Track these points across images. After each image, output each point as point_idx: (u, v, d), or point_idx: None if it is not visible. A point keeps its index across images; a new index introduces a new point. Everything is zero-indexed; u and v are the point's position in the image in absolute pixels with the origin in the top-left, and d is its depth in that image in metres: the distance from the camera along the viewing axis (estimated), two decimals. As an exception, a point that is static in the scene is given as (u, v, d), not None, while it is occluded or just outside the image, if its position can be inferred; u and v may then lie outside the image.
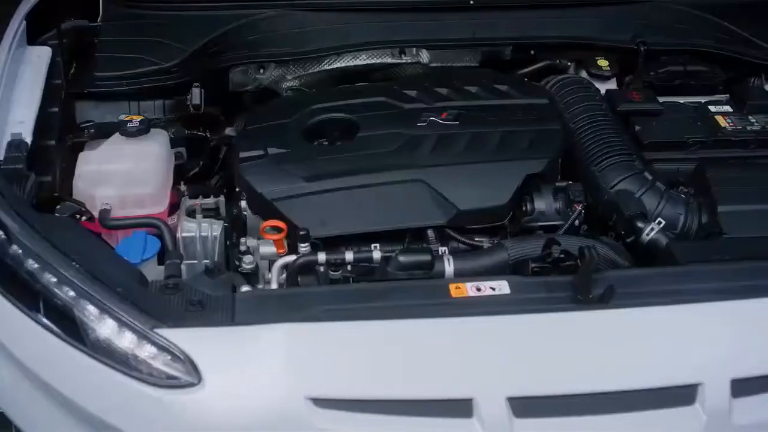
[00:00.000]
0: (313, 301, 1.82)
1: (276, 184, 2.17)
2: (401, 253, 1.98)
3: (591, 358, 1.73)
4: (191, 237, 2.25)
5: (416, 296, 1.84)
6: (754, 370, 1.74)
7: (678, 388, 1.71)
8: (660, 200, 2.21)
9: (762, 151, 2.41)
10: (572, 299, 1.81)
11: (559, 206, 2.20)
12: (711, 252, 2.01)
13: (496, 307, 1.80)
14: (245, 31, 2.59)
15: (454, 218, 2.13)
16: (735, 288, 1.87)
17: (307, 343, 1.72)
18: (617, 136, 2.33)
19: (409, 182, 2.15)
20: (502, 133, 2.27)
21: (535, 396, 1.68)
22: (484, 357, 1.71)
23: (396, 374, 1.69)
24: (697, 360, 1.74)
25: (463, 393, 1.67)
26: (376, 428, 1.66)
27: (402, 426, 1.66)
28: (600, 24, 2.71)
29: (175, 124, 2.48)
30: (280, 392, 1.66)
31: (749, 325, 1.80)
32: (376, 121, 2.31)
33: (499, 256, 2.00)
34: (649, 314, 1.79)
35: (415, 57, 2.67)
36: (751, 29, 2.70)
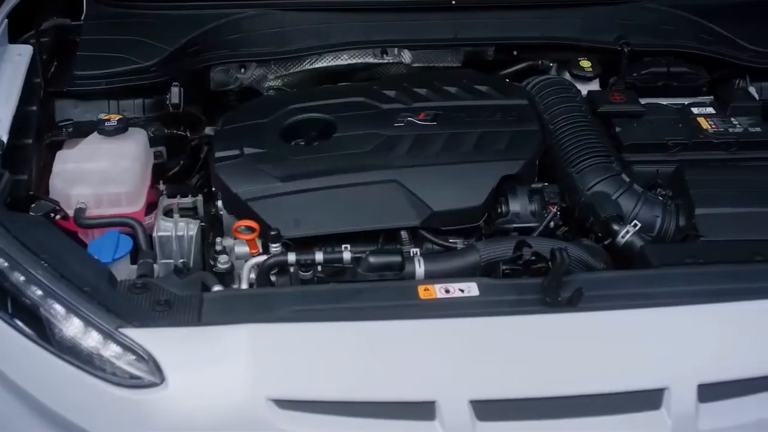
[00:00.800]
0: (281, 302, 1.82)
1: (251, 184, 2.16)
2: (371, 254, 1.98)
3: (556, 362, 1.71)
4: (167, 236, 2.24)
5: (385, 297, 1.84)
6: (722, 375, 1.73)
7: (643, 393, 1.70)
8: (637, 202, 2.19)
9: (743, 153, 2.40)
10: (541, 302, 1.80)
11: (535, 208, 2.19)
12: (685, 255, 1.99)
13: (464, 309, 1.80)
14: (226, 30, 2.58)
15: (428, 219, 2.12)
16: (706, 292, 1.86)
17: (271, 344, 1.72)
18: (596, 137, 2.32)
19: (383, 183, 2.15)
20: (480, 134, 2.27)
21: (498, 399, 1.67)
22: (448, 359, 1.70)
23: (359, 376, 1.69)
24: (663, 364, 1.73)
25: (426, 395, 1.66)
26: (338, 430, 1.65)
27: (364, 428, 1.65)
28: (583, 25, 2.70)
29: (155, 123, 2.47)
30: (242, 393, 1.66)
31: (718, 330, 1.78)
32: (353, 122, 2.31)
33: (470, 258, 1.99)
34: (616, 317, 1.78)
35: (396, 57, 2.66)
36: (736, 30, 2.68)
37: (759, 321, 1.81)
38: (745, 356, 1.76)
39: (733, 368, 1.74)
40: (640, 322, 1.78)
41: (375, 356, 1.71)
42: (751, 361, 1.75)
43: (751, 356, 1.76)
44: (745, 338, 1.78)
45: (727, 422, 1.72)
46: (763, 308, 1.83)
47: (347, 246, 2.04)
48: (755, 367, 1.74)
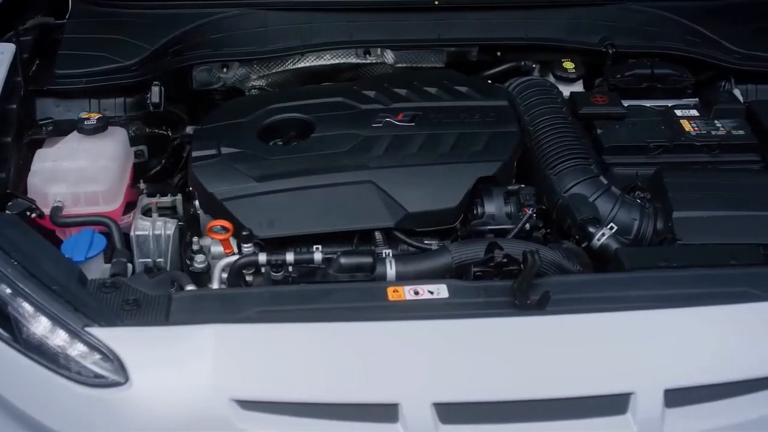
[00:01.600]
0: (249, 303, 1.81)
1: (227, 184, 2.16)
2: (342, 255, 1.97)
3: (522, 365, 1.71)
4: (144, 235, 2.25)
5: (353, 299, 1.83)
6: (689, 381, 1.71)
7: (609, 397, 1.69)
8: (614, 205, 2.18)
9: (725, 156, 2.38)
10: (510, 305, 1.79)
11: (510, 210, 2.18)
12: (659, 258, 1.98)
13: (432, 311, 1.79)
14: (208, 29, 2.58)
15: (402, 220, 2.11)
16: (678, 296, 1.85)
17: (236, 345, 1.71)
18: (575, 139, 2.31)
19: (358, 183, 2.14)
20: (457, 135, 2.26)
21: (461, 402, 1.66)
22: (412, 361, 1.70)
23: (322, 377, 1.68)
24: (630, 369, 1.71)
25: (389, 397, 1.65)
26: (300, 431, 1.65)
27: (326, 430, 1.65)
28: (568, 26, 2.68)
29: (136, 122, 2.48)
30: (205, 393, 1.66)
31: (687, 335, 1.77)
32: (331, 122, 2.30)
33: (442, 260, 1.99)
34: (585, 321, 1.77)
35: (379, 57, 2.65)
36: (722, 32, 2.66)
37: (729, 326, 1.79)
38: (713, 361, 1.74)
39: (700, 373, 1.72)
40: (609, 325, 1.77)
41: (339, 358, 1.71)
42: (718, 367, 1.74)
43: (719, 361, 1.74)
44: (714, 343, 1.77)
45: (693, 428, 1.71)
46: (735, 313, 1.81)
47: (318, 247, 2.03)
48: (723, 372, 1.73)
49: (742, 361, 1.75)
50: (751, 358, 1.75)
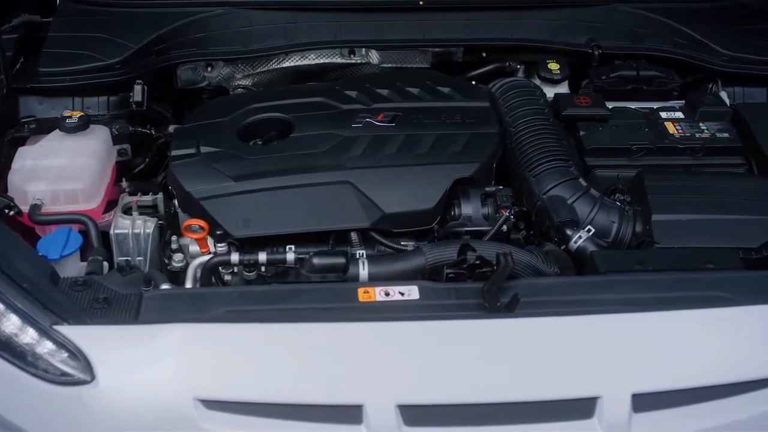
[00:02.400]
0: (218, 302, 1.81)
1: (204, 183, 2.16)
2: (315, 255, 1.97)
3: (488, 368, 1.69)
4: (124, 234, 2.25)
5: (323, 299, 1.83)
6: (657, 385, 1.70)
7: (576, 401, 1.67)
8: (593, 207, 2.17)
9: (709, 159, 2.36)
10: (480, 307, 1.78)
11: (488, 211, 2.17)
12: (634, 262, 1.96)
13: (401, 312, 1.79)
14: (193, 28, 2.59)
15: (378, 221, 2.11)
16: (649, 299, 1.84)
17: (202, 344, 1.71)
18: (555, 141, 2.30)
19: (335, 184, 2.14)
20: (437, 136, 2.25)
21: (425, 404, 1.65)
22: (378, 363, 1.69)
23: (287, 377, 1.68)
24: (597, 372, 1.70)
25: (354, 399, 1.65)
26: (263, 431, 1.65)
27: (290, 431, 1.65)
28: (554, 27, 2.67)
29: (120, 120, 2.48)
30: (169, 392, 1.66)
31: (656, 339, 1.75)
32: (311, 122, 2.30)
33: (416, 261, 1.98)
34: (554, 324, 1.76)
35: (364, 57, 2.65)
36: (710, 34, 2.64)
37: (699, 331, 1.78)
38: (682, 366, 1.72)
39: (669, 378, 1.70)
40: (577, 329, 1.76)
41: (305, 358, 1.70)
42: (687, 372, 1.72)
43: (688, 366, 1.73)
44: (683, 348, 1.75)
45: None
46: (706, 318, 1.80)
47: (291, 247, 2.03)
48: (691, 377, 1.71)
49: (711, 366, 1.73)
50: (720, 363, 1.74)
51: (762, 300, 1.83)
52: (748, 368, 1.74)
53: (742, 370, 1.74)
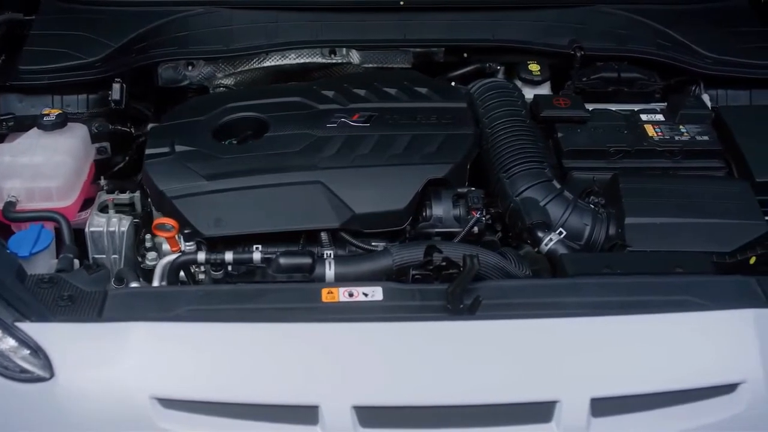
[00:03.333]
0: (182, 301, 1.81)
1: (177, 182, 2.17)
2: (281, 255, 1.96)
3: (447, 370, 1.69)
4: (99, 231, 2.26)
5: (287, 300, 1.83)
6: (617, 390, 1.68)
7: (534, 405, 1.66)
8: (566, 210, 2.15)
9: (688, 162, 2.34)
10: (443, 308, 1.77)
11: (459, 213, 2.16)
12: (603, 265, 1.95)
13: (363, 313, 1.78)
14: (173, 27, 2.59)
15: (348, 221, 2.10)
16: (615, 303, 1.83)
17: (162, 343, 1.72)
18: (531, 142, 2.28)
19: (307, 184, 2.13)
20: (411, 137, 2.25)
21: (381, 406, 1.65)
22: (335, 364, 1.69)
23: (245, 377, 1.68)
24: (557, 376, 1.69)
25: (310, 400, 1.65)
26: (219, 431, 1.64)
27: (246, 430, 1.65)
28: (537, 28, 2.66)
29: (99, 118, 2.48)
30: (126, 390, 1.67)
31: (619, 343, 1.74)
32: (287, 121, 2.30)
33: (383, 262, 1.97)
34: (514, 327, 1.75)
35: (345, 57, 2.64)
36: (693, 36, 2.61)
37: (663, 335, 1.76)
38: (644, 371, 1.71)
39: (629, 383, 1.69)
40: (539, 332, 1.75)
41: (264, 358, 1.70)
42: (649, 377, 1.71)
43: (649, 371, 1.71)
44: (646, 352, 1.74)
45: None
46: (671, 322, 1.78)
47: (258, 246, 2.03)
48: (653, 382, 1.70)
49: (673, 371, 1.72)
50: (683, 368, 1.72)
51: (729, 305, 1.81)
52: (711, 374, 1.73)
53: (704, 375, 1.72)
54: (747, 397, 1.71)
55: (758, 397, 1.71)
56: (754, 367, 1.73)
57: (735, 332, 1.76)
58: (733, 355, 1.74)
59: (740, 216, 2.13)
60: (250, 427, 1.65)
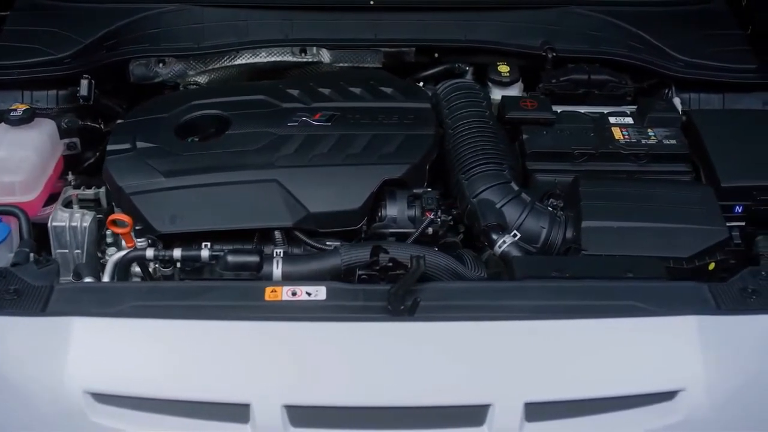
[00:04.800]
0: (127, 297, 1.82)
1: (136, 179, 2.18)
2: (229, 252, 1.97)
3: (381, 371, 1.68)
4: (62, 226, 2.27)
5: (230, 297, 1.83)
6: (551, 395, 1.67)
7: (466, 408, 1.65)
8: (522, 212, 2.14)
9: (653, 165, 2.31)
10: (384, 309, 1.77)
11: (414, 213, 2.15)
12: (552, 268, 1.93)
13: (305, 312, 1.78)
14: (144, 24, 2.61)
15: (302, 220, 2.10)
16: (560, 307, 1.80)
17: (100, 338, 1.73)
18: (492, 144, 2.27)
19: (263, 182, 2.14)
20: (371, 137, 2.24)
21: (312, 406, 1.64)
22: (268, 363, 1.69)
23: (179, 374, 1.68)
24: (491, 379, 1.68)
25: (241, 398, 1.65)
26: (151, 427, 1.65)
27: (177, 427, 1.66)
28: (509, 29, 2.64)
29: (69, 114, 2.50)
30: (62, 384, 1.67)
31: (557, 347, 1.72)
32: (248, 119, 2.30)
33: (331, 261, 1.97)
34: (453, 329, 1.73)
35: (315, 56, 2.64)
36: (666, 39, 2.58)
37: (605, 340, 1.74)
38: (580, 376, 1.69)
39: (564, 388, 1.67)
40: (477, 334, 1.73)
41: (200, 356, 1.71)
42: (585, 382, 1.69)
43: (586, 377, 1.70)
44: (585, 357, 1.72)
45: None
46: (615, 327, 1.76)
47: (207, 244, 2.03)
48: (588, 388, 1.68)
49: (611, 377, 1.70)
50: (621, 375, 1.70)
51: (676, 311, 1.79)
52: (649, 381, 1.70)
53: (643, 382, 1.70)
54: (686, 406, 1.69)
55: (698, 406, 1.69)
56: (694, 374, 1.70)
57: (677, 339, 1.74)
58: (673, 362, 1.72)
59: (701, 221, 2.10)
60: (182, 424, 1.65)
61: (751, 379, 1.72)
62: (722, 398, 1.70)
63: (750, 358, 1.74)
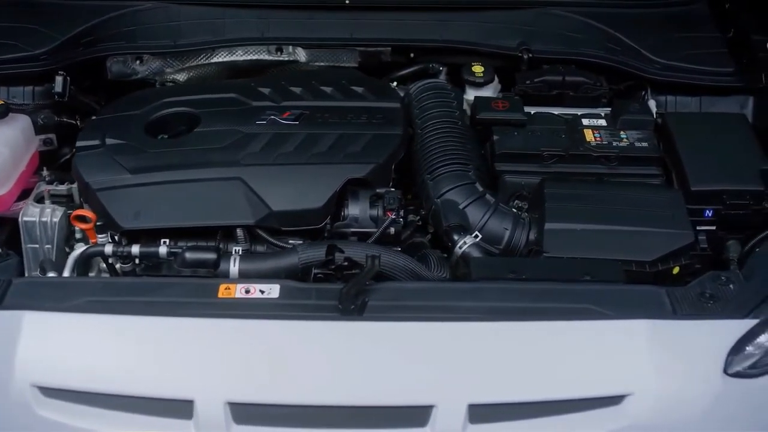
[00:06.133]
0: (82, 291, 1.83)
1: (103, 175, 2.19)
2: (187, 249, 1.98)
3: (326, 370, 1.69)
4: (32, 221, 2.29)
5: (183, 294, 1.84)
6: (496, 397, 1.66)
7: (409, 409, 1.65)
8: (485, 213, 2.13)
9: (624, 168, 2.29)
10: (335, 308, 1.77)
11: (377, 213, 2.14)
12: (509, 270, 1.92)
13: (256, 310, 1.78)
14: (122, 22, 2.62)
15: (264, 218, 2.11)
16: (512, 309, 1.80)
17: (50, 332, 1.74)
18: (459, 144, 2.26)
19: (226, 180, 2.14)
20: (338, 136, 2.24)
21: (255, 403, 1.64)
22: (214, 360, 1.69)
23: (127, 370, 1.69)
24: (435, 381, 1.67)
25: (185, 394, 1.65)
26: (96, 421, 1.67)
27: (122, 422, 1.67)
28: (486, 29, 2.63)
29: (45, 110, 2.52)
30: (10, 377, 1.69)
31: (506, 349, 1.72)
32: (218, 117, 2.31)
33: (288, 260, 1.98)
34: (401, 329, 1.74)
35: (291, 55, 2.64)
36: (643, 41, 2.56)
37: (555, 343, 1.74)
38: (527, 379, 1.69)
39: (510, 391, 1.67)
40: (426, 335, 1.73)
41: (149, 352, 1.72)
42: (532, 385, 1.68)
43: (533, 380, 1.69)
44: (533, 360, 1.71)
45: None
46: (566, 330, 1.75)
47: (166, 241, 2.04)
48: (535, 391, 1.67)
49: (558, 380, 1.69)
50: (569, 378, 1.69)
51: (629, 315, 1.78)
52: (597, 384, 1.69)
53: (590, 386, 1.69)
54: (633, 410, 1.68)
55: (645, 411, 1.68)
56: (642, 379, 1.69)
57: (627, 343, 1.72)
58: (622, 366, 1.71)
59: (666, 225, 2.09)
60: (126, 419, 1.66)
61: (701, 385, 1.70)
62: (671, 404, 1.69)
63: (701, 363, 1.72)
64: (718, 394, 1.69)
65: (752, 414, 1.72)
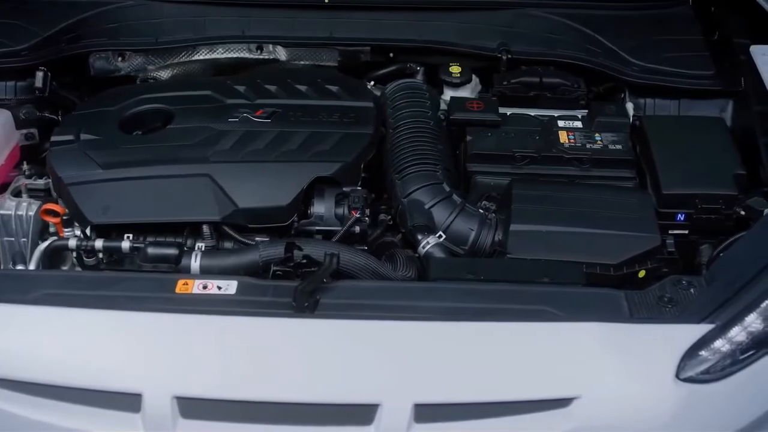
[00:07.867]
0: (42, 284, 1.85)
1: (75, 169, 2.21)
2: (149, 244, 1.99)
3: (274, 367, 1.69)
4: (8, 215, 2.32)
5: (142, 288, 1.85)
6: (442, 397, 1.66)
7: (355, 407, 1.65)
8: (451, 213, 2.13)
9: (597, 170, 2.28)
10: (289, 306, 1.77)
11: (343, 212, 2.15)
12: (467, 271, 1.91)
13: (212, 306, 1.79)
14: (104, 18, 2.64)
15: (231, 215, 2.11)
16: (467, 310, 1.79)
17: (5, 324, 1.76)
18: (429, 144, 2.26)
19: (195, 176, 2.15)
20: (309, 134, 2.25)
21: (202, 398, 1.66)
22: (165, 354, 1.71)
23: (77, 362, 1.71)
24: (382, 379, 1.67)
25: (134, 387, 1.67)
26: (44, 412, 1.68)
27: (71, 414, 1.68)
28: (465, 30, 2.63)
29: (27, 105, 2.55)
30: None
31: (453, 349, 1.71)
32: (191, 114, 2.32)
33: (249, 257, 1.99)
34: (351, 328, 1.74)
35: (272, 53, 2.66)
36: (622, 43, 2.54)
37: (505, 344, 1.73)
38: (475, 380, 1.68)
39: (457, 391, 1.66)
40: (377, 334, 1.73)
41: (100, 345, 1.73)
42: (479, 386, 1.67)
43: (480, 380, 1.68)
44: (482, 361, 1.70)
45: (443, 444, 1.66)
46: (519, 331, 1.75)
47: (129, 235, 2.06)
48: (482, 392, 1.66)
49: (506, 381, 1.68)
50: (517, 379, 1.68)
51: (583, 317, 1.76)
52: (544, 387, 1.68)
53: (538, 388, 1.68)
54: (580, 414, 1.66)
55: (592, 414, 1.66)
56: (591, 382, 1.68)
57: (577, 345, 1.71)
58: (571, 368, 1.69)
59: (633, 228, 2.08)
60: (75, 412, 1.68)
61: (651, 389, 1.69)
62: (619, 407, 1.67)
63: (653, 367, 1.71)
64: (668, 398, 1.68)
65: (703, 419, 1.70)
